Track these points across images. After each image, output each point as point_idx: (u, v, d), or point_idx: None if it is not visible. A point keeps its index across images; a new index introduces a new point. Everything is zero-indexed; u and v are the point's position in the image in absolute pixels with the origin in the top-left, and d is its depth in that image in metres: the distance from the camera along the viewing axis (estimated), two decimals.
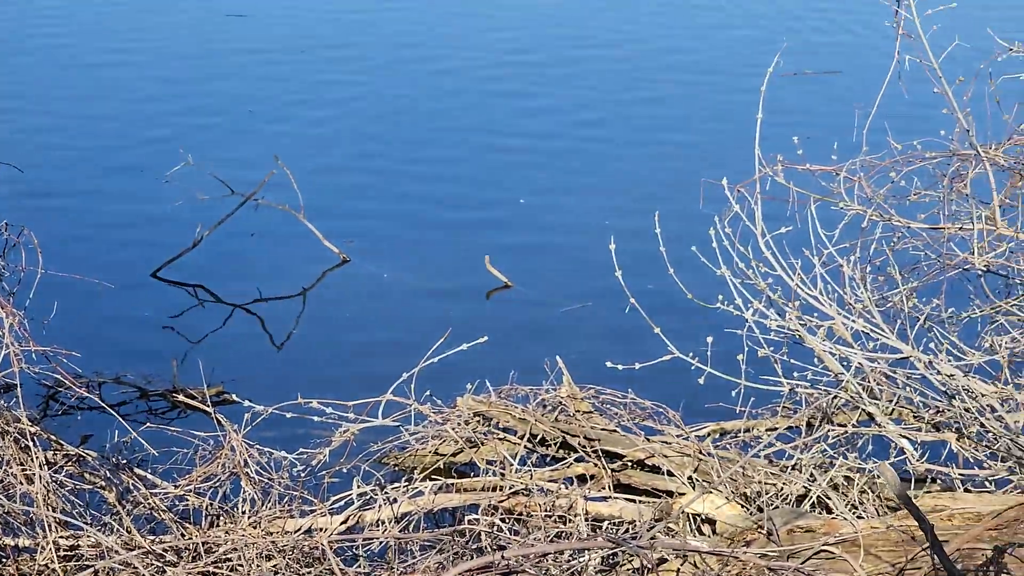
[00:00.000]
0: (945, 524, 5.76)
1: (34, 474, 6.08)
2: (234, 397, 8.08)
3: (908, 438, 6.89)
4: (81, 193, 12.40)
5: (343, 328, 10.12)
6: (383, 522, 6.63)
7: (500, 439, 7.53)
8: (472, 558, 5.54)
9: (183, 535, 6.26)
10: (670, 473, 7.10)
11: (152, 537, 6.18)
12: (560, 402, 7.56)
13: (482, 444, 7.54)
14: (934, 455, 7.01)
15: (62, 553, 5.99)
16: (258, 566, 5.79)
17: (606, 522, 6.79)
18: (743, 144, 7.65)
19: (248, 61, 16.53)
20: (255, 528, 6.40)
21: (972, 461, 6.80)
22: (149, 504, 6.50)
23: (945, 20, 8.82)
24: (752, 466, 6.84)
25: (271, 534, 6.24)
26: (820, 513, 6.46)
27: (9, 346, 6.39)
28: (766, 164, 7.21)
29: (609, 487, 7.15)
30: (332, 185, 12.63)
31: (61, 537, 6.01)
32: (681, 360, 6.80)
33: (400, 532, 6.37)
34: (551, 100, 15.19)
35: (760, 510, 6.47)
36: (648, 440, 7.32)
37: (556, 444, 7.47)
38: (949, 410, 6.72)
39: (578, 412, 7.51)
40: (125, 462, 6.70)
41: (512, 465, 7.20)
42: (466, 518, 6.39)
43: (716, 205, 7.04)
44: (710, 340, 6.78)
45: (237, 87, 15.60)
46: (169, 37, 17.37)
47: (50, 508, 6.02)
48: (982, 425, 6.54)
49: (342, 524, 6.67)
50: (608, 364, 7.01)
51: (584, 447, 7.31)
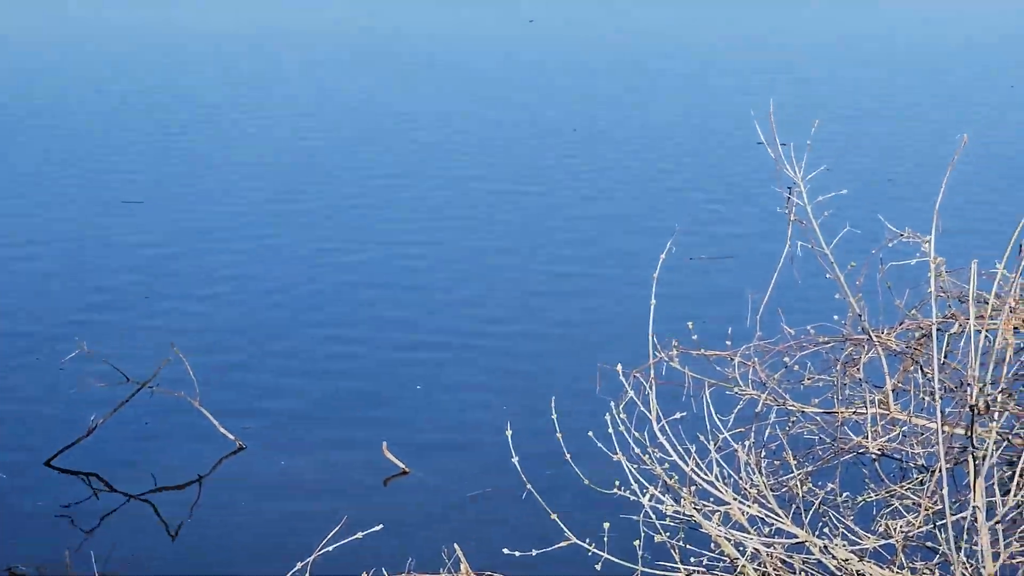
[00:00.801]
0: None
1: None
2: None
3: None
4: None
5: (239, 517, 9.97)
6: None
7: None
8: None
9: None
10: None
11: None
12: None
13: None
14: None
15: None
16: None
17: None
18: (638, 329, 7.69)
19: (144, 248, 16.48)
20: None
21: None
22: None
23: (836, 207, 8.98)
24: None
25: None
26: None
27: None
28: (661, 349, 7.24)
29: None
30: (227, 372, 12.52)
31: None
32: (579, 546, 6.74)
33: None
34: (458, 294, 15.24)
35: None
36: None
37: None
38: None
39: None
40: None
41: None
42: None
43: (612, 390, 7.05)
44: (607, 526, 6.74)
45: (133, 274, 15.52)
46: (65, 224, 17.31)
47: None
48: None
49: None
50: (505, 551, 6.93)
51: None
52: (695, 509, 6.75)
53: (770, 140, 8.51)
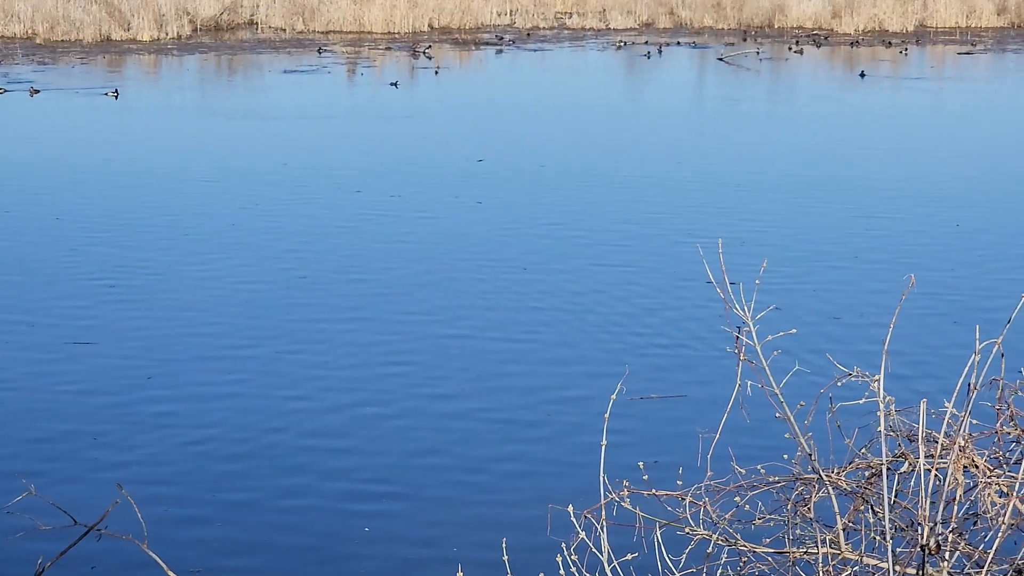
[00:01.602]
0: None
1: None
2: None
3: None
4: None
5: None
6: None
7: None
8: None
9: None
10: None
11: None
12: None
13: None
14: None
15: None
16: None
17: None
18: (589, 470, 7.68)
19: (94, 392, 16.39)
20: None
21: None
22: None
23: (786, 346, 9.03)
24: None
25: None
26: None
27: None
28: (612, 490, 7.24)
29: None
30: (176, 514, 12.42)
31: None
32: None
33: None
34: (407, 444, 15.19)
35: None
36: None
37: None
38: None
39: None
40: None
41: None
42: None
43: (563, 531, 7.03)
44: None
45: (81, 416, 15.42)
46: (11, 366, 17.21)
47: None
48: None
49: None
50: None
51: None
52: None
53: (719, 280, 8.57)
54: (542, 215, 25.33)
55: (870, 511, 7.70)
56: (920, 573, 6.33)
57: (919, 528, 6.70)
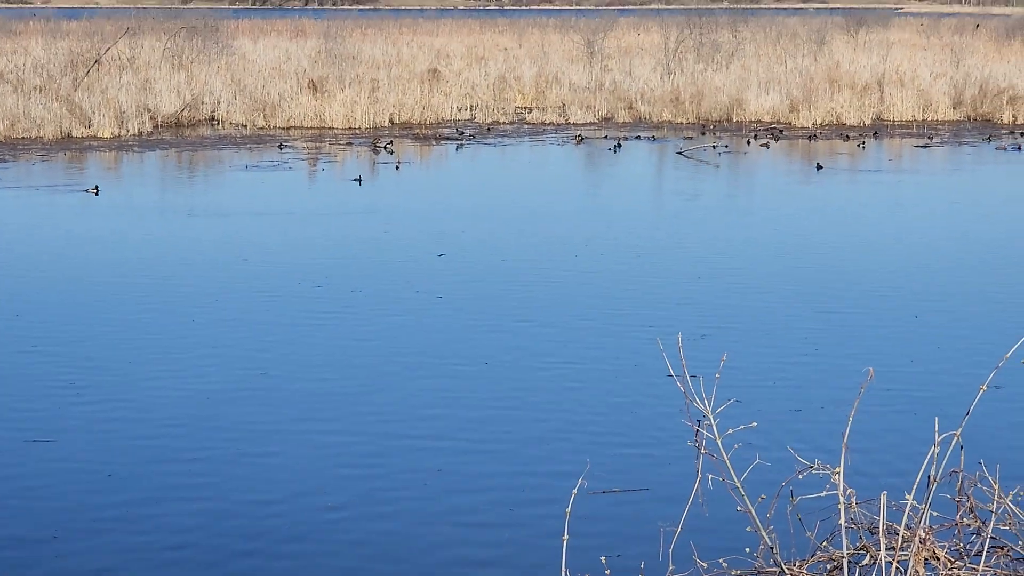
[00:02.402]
0: None
1: None
2: None
3: None
4: None
5: None
6: None
7: None
8: None
9: None
10: None
11: None
12: None
13: None
14: None
15: None
16: None
17: None
18: (552, 565, 7.65)
19: (51, 487, 16.28)
20: None
21: None
22: None
23: (747, 438, 9.05)
24: None
25: None
26: None
27: None
28: None
29: None
30: None
31: None
32: None
33: None
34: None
35: None
36: None
37: None
38: None
39: None
40: None
41: None
42: None
43: None
44: None
45: (40, 516, 15.29)
46: None
47: None
48: None
49: None
50: None
51: None
52: None
53: (679, 373, 8.58)
54: (503, 309, 25.37)
55: None
56: None
57: None
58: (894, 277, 28.39)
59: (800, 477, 7.99)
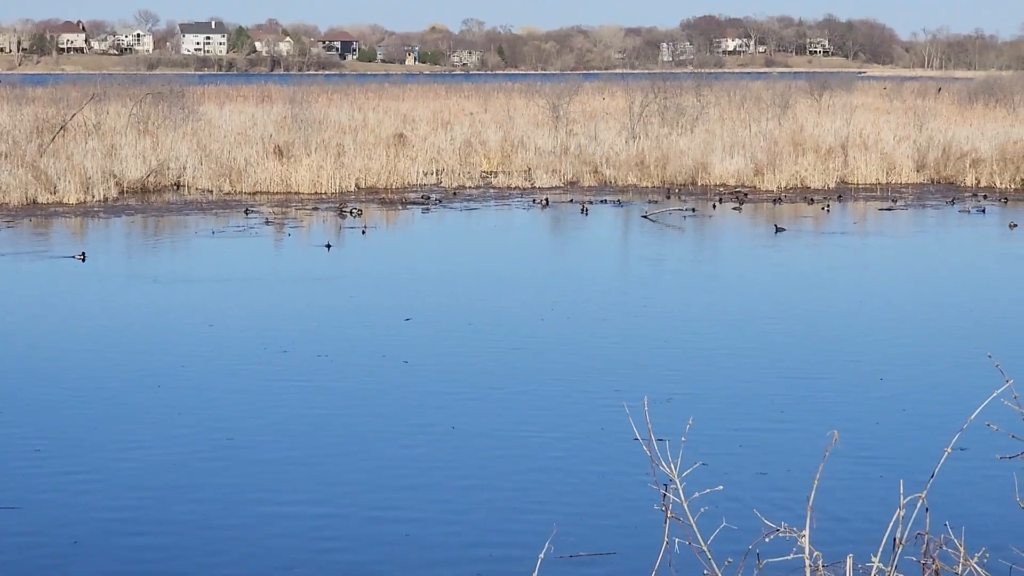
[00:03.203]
0: None
1: None
2: None
3: None
4: None
5: None
6: None
7: None
8: None
9: None
10: None
11: None
12: None
13: None
14: None
15: None
16: None
17: None
18: None
19: (14, 555, 16.17)
20: None
21: None
22: None
23: (713, 501, 9.07)
24: None
25: None
26: None
27: None
28: None
29: None
30: None
31: None
32: None
33: None
34: None
35: None
36: None
37: None
38: None
39: None
40: None
41: None
42: None
43: None
44: None
45: None
46: None
47: None
48: None
49: None
50: None
51: None
52: None
53: (645, 437, 8.60)
54: (469, 374, 25.36)
55: None
56: None
57: None
58: (859, 340, 28.50)
59: (767, 540, 7.99)
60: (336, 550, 16.68)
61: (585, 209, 53.17)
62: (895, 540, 7.70)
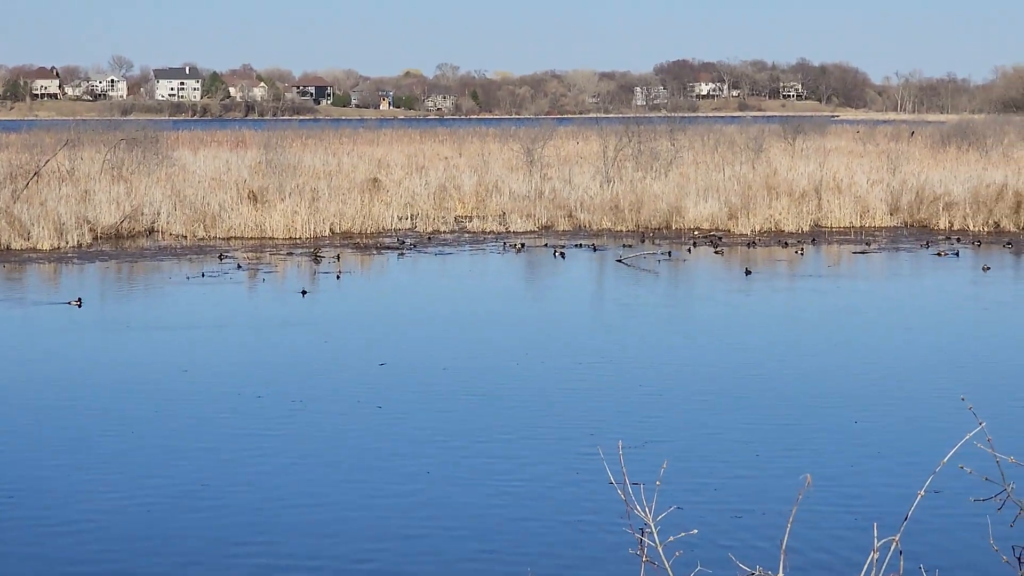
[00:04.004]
0: None
1: None
2: None
3: None
4: None
5: None
6: None
7: None
8: None
9: None
10: None
11: None
12: None
13: None
14: None
15: None
16: None
17: None
18: None
19: None
20: None
21: None
22: None
23: (688, 545, 9.05)
24: None
25: None
26: None
27: None
28: None
29: None
30: None
31: None
32: None
33: None
34: None
35: None
36: None
37: None
38: None
39: None
40: None
41: None
42: None
43: None
44: None
45: None
46: None
47: None
48: None
49: None
50: None
51: None
52: None
53: (620, 481, 8.59)
54: (443, 419, 25.33)
55: None
56: None
57: None
58: (833, 383, 28.55)
59: None
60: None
61: (560, 254, 53.26)
62: None
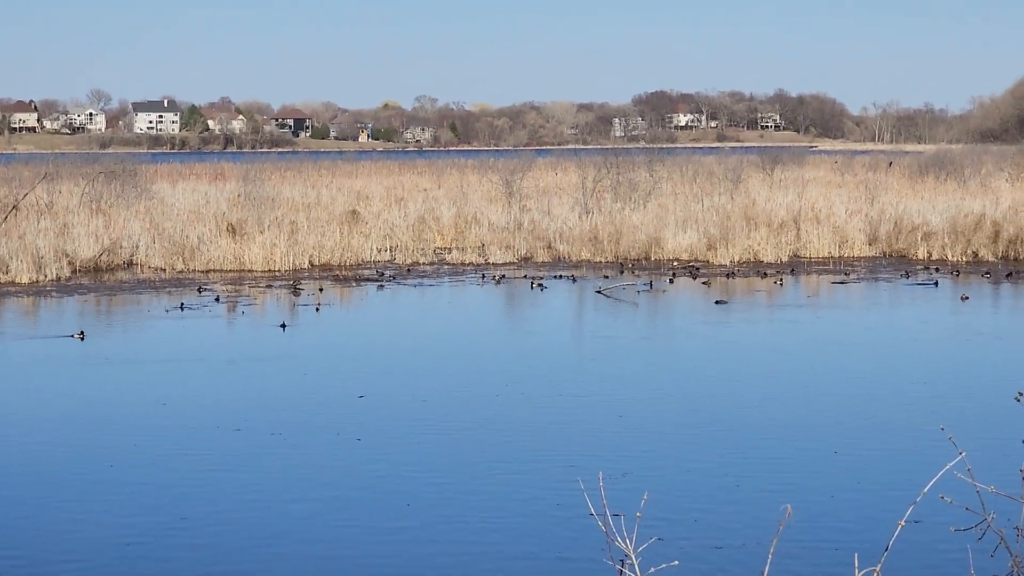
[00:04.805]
0: None
1: None
2: None
3: None
4: None
5: None
6: None
7: None
8: None
9: None
10: None
11: None
12: None
13: None
14: None
15: None
16: None
17: None
18: None
19: None
20: None
21: None
22: None
23: None
24: None
25: None
26: None
27: None
28: None
29: None
30: None
31: None
32: None
33: None
34: None
35: None
36: None
37: None
38: None
39: None
40: None
41: None
42: None
43: None
44: None
45: None
46: None
47: None
48: None
49: None
50: None
51: None
52: None
53: (601, 512, 8.56)
54: (423, 451, 25.28)
55: None
56: None
57: None
58: (814, 413, 28.56)
59: None
60: None
61: (539, 285, 53.27)
62: None
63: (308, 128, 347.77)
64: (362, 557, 19.15)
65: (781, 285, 53.69)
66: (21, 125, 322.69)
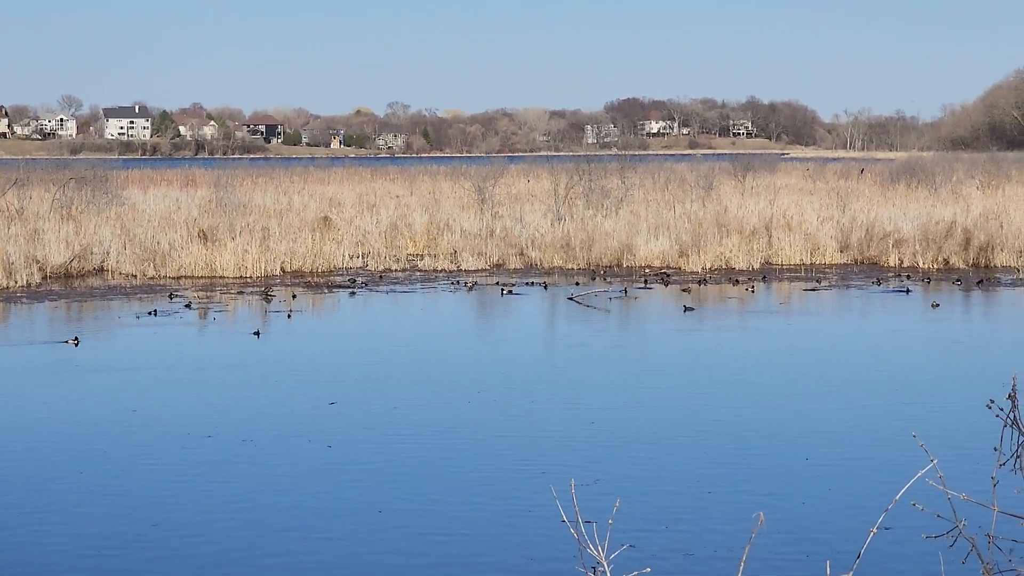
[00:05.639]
0: None
1: None
2: None
3: None
4: None
5: None
6: None
7: None
8: None
9: None
10: None
11: None
12: None
13: None
14: None
15: None
16: None
17: None
18: None
19: None
20: None
21: None
22: None
23: None
24: None
25: None
26: None
27: None
28: None
29: None
30: None
31: None
32: None
33: None
34: None
35: None
36: None
37: None
38: None
39: None
40: None
41: None
42: None
43: None
44: None
45: None
46: None
47: None
48: None
49: None
50: None
51: None
52: None
53: (572, 519, 8.54)
54: (395, 457, 25.22)
55: None
56: None
57: None
58: (785, 420, 28.58)
59: None
60: None
61: (511, 291, 53.24)
62: None
63: (280, 134, 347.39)
64: (333, 565, 19.09)
65: (753, 292, 53.76)
66: None
